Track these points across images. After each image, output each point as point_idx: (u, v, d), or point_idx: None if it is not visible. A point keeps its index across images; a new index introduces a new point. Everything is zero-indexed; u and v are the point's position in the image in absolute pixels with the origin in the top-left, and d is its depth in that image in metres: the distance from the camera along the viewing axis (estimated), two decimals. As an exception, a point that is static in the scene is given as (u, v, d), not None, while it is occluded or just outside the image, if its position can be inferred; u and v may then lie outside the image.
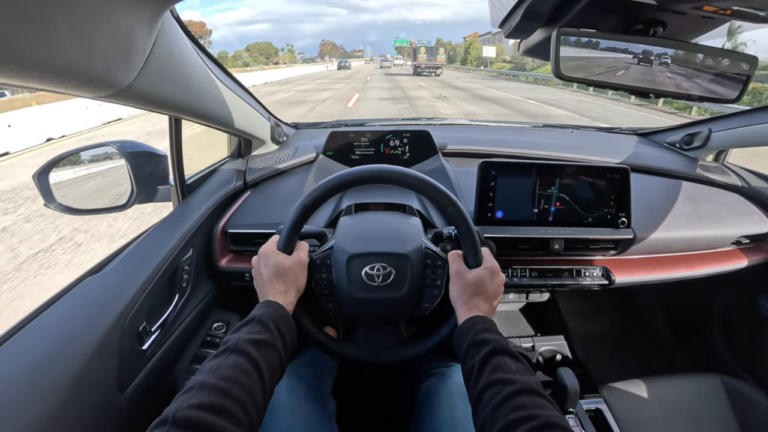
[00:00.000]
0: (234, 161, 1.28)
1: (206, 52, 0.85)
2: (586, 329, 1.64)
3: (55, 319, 0.69)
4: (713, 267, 1.16)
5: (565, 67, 0.62)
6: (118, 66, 0.52)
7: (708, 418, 1.04)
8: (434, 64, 35.26)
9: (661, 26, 0.63)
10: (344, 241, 0.81)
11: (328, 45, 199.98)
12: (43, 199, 0.93)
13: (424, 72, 34.97)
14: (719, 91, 0.66)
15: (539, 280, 1.09)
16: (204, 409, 0.46)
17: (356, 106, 13.18)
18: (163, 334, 0.87)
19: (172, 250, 0.88)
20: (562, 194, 1.03)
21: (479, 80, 29.64)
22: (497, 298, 0.73)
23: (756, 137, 1.24)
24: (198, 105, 0.84)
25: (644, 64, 0.63)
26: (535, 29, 0.70)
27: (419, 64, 35.63)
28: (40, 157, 6.84)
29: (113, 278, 0.79)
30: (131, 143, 1.01)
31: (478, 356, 0.60)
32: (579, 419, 1.00)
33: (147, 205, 1.06)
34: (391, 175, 0.75)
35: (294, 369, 0.92)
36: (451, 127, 1.71)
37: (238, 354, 0.56)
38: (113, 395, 0.70)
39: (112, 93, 0.55)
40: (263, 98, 1.26)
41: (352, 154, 1.30)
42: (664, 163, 1.37)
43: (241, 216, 1.09)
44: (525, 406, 0.50)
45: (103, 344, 0.67)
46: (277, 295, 0.69)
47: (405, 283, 0.77)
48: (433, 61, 35.42)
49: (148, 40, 0.56)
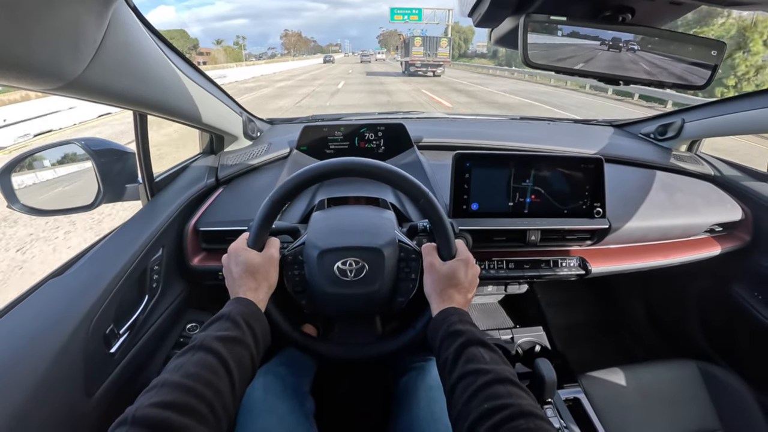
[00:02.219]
0: (206, 158, 1.25)
1: (168, 43, 0.82)
2: (565, 320, 1.65)
3: (15, 323, 0.66)
4: (688, 255, 1.17)
5: (534, 55, 0.61)
6: (64, 57, 0.49)
7: (685, 403, 1.07)
8: (434, 62, 25.21)
9: (630, 13, 0.63)
10: (316, 236, 0.79)
11: (292, 37, 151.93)
12: (6, 200, 0.89)
13: (419, 71, 25.57)
14: (688, 78, 0.66)
15: (517, 271, 1.09)
16: (166, 408, 0.45)
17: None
18: (133, 337, 0.84)
19: (139, 250, 0.85)
20: (538, 185, 1.03)
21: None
22: (472, 290, 0.72)
23: (728, 126, 1.26)
24: (160, 98, 0.81)
25: (613, 51, 0.63)
26: (505, 17, 0.69)
27: (413, 60, 25.28)
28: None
29: (77, 280, 0.76)
30: (97, 140, 0.97)
31: (452, 348, 0.59)
32: (557, 409, 1.00)
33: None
34: (362, 168, 0.73)
35: (271, 368, 0.90)
36: (426, 120, 1.70)
37: (205, 351, 0.54)
38: (79, 400, 0.68)
39: (59, 85, 0.52)
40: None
41: (327, 149, 1.28)
42: (638, 153, 1.38)
43: (213, 213, 1.06)
44: (499, 396, 0.50)
45: (67, 348, 0.65)
46: (248, 292, 0.68)
47: (378, 277, 0.75)
48: (432, 57, 25.16)
49: (98, 29, 0.53)
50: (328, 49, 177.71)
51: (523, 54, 0.61)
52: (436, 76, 25.34)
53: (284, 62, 50.05)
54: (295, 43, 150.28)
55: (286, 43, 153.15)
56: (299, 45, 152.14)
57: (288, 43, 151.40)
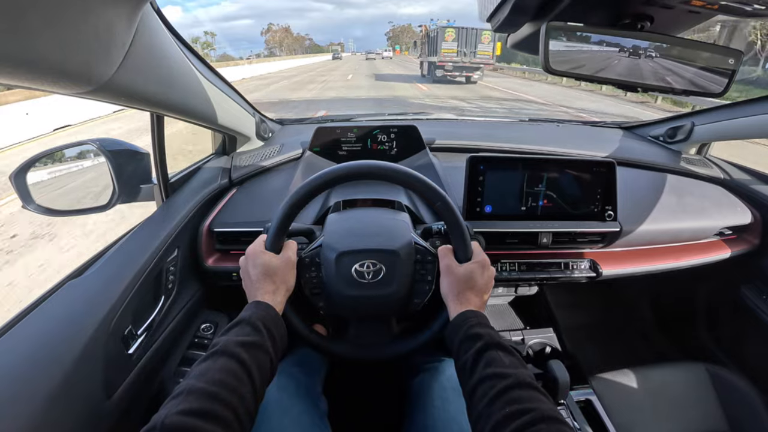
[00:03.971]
0: (219, 158, 1.26)
1: (188, 46, 0.83)
2: (575, 321, 1.66)
3: (36, 325, 0.66)
4: (697, 258, 1.18)
5: (554, 62, 0.62)
6: (96, 61, 0.50)
7: (694, 406, 1.07)
8: (472, 63, 17.02)
9: (649, 20, 0.63)
10: (333, 238, 0.80)
11: (278, 33, 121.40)
12: (21, 200, 0.90)
13: (449, 76, 17.28)
14: (705, 85, 0.66)
15: (528, 273, 1.10)
16: (193, 415, 0.46)
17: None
18: (150, 337, 0.85)
19: (156, 250, 0.86)
20: (550, 188, 1.03)
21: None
22: (488, 292, 0.73)
23: (738, 130, 1.26)
24: (180, 101, 0.82)
25: (633, 57, 0.63)
26: (524, 23, 0.70)
27: (443, 61, 17.01)
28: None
29: (96, 282, 0.77)
30: (112, 141, 0.98)
31: (471, 351, 0.60)
32: (570, 411, 1.01)
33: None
34: (380, 171, 0.74)
35: (284, 368, 0.90)
36: (438, 121, 1.71)
37: (228, 357, 0.55)
38: (100, 402, 0.68)
39: (90, 89, 0.53)
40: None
41: (339, 150, 1.29)
42: (648, 156, 1.39)
43: (227, 214, 1.07)
44: (520, 400, 0.50)
45: (87, 350, 0.65)
46: (266, 295, 0.68)
47: (395, 279, 0.76)
48: (470, 58, 16.95)
49: (127, 33, 0.54)
50: (328, 48, 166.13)
51: (544, 60, 0.61)
52: (470, 83, 17.49)
53: (265, 62, 36.80)
54: (282, 41, 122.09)
55: (269, 41, 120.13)
56: (288, 42, 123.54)
57: (272, 40, 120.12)
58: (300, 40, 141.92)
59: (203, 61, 0.91)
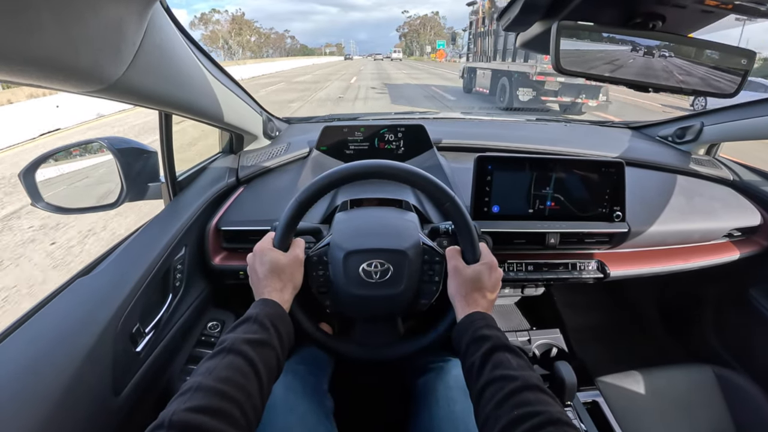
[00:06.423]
0: (226, 157, 1.26)
1: (197, 44, 0.83)
2: (581, 322, 1.65)
3: (45, 322, 0.67)
4: (706, 259, 1.17)
5: (566, 61, 0.61)
6: (107, 59, 0.50)
7: (700, 408, 1.06)
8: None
9: (661, 20, 0.63)
10: (341, 237, 0.80)
11: (228, 24, 79.91)
12: (30, 198, 0.90)
13: (551, 101, 9.00)
14: (718, 86, 0.65)
15: (535, 274, 1.09)
16: (200, 412, 0.46)
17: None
18: (157, 335, 0.85)
19: (164, 248, 0.86)
20: (558, 188, 1.02)
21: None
22: (495, 293, 0.72)
23: (747, 131, 1.25)
24: (189, 99, 0.82)
25: (646, 57, 0.62)
26: (534, 22, 0.69)
27: (545, 74, 8.32)
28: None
29: (105, 279, 0.77)
30: (120, 139, 0.98)
31: (479, 353, 0.59)
32: (577, 412, 1.01)
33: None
34: (390, 171, 0.74)
35: (290, 366, 0.91)
36: (445, 121, 1.70)
37: (235, 354, 0.55)
38: (108, 399, 0.69)
39: (101, 88, 0.53)
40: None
41: (347, 149, 1.29)
42: (657, 156, 1.38)
43: (235, 213, 1.07)
44: (528, 403, 0.50)
45: (96, 347, 0.66)
46: (274, 292, 0.68)
47: (403, 279, 0.76)
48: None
49: (138, 31, 0.54)
50: (321, 51, 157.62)
51: (555, 60, 0.61)
52: (575, 113, 8.97)
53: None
54: (231, 31, 78.47)
55: (210, 36, 77.33)
56: (244, 39, 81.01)
57: (212, 36, 77.14)
58: (278, 39, 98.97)
59: (211, 59, 0.91)
